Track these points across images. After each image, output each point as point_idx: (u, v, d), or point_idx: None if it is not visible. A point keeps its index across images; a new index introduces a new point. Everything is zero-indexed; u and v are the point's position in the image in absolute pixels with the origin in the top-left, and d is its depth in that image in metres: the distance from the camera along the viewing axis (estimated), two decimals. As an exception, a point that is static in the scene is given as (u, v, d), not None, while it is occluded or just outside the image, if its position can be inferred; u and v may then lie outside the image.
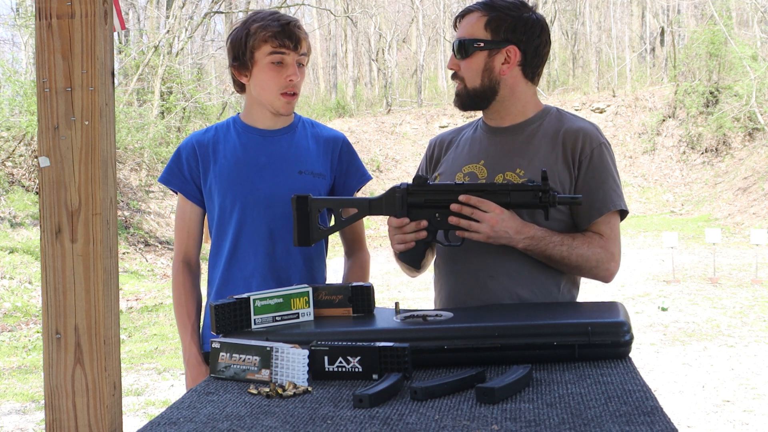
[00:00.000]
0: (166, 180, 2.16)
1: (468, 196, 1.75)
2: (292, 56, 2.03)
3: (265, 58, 2.03)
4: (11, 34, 24.40)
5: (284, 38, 2.01)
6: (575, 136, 1.89)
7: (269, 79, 2.04)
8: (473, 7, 1.93)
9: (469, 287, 1.87)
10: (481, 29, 1.89)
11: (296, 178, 2.08)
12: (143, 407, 5.25)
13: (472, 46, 1.88)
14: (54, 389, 1.50)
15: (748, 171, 18.21)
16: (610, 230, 1.87)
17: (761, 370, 5.74)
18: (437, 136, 2.14)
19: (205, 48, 27.04)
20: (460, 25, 1.94)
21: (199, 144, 2.13)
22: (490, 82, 1.90)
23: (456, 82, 1.94)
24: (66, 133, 1.49)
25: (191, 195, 2.14)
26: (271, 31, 2.00)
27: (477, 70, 1.89)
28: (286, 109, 2.08)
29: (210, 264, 2.18)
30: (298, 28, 2.05)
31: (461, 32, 1.92)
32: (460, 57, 1.91)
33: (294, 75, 2.04)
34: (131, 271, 11.72)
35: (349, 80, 31.98)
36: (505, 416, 1.18)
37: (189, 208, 2.16)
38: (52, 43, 1.50)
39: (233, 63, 2.08)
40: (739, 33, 21.96)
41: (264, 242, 2.07)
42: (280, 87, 2.04)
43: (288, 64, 2.03)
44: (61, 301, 1.50)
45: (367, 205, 1.84)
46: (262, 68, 2.04)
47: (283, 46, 2.01)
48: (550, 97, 25.39)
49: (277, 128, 2.14)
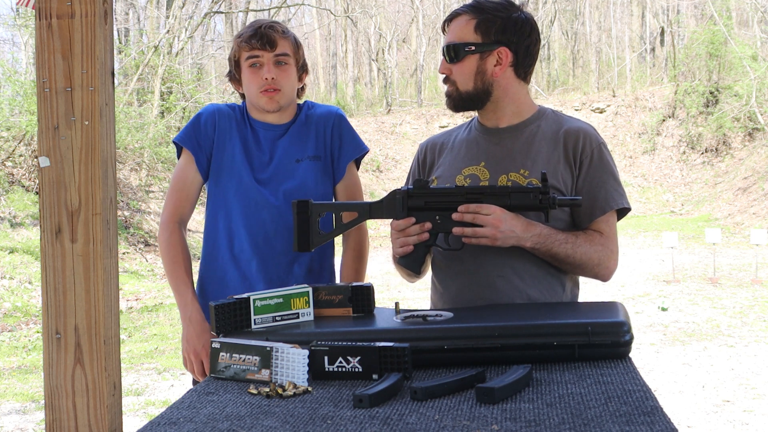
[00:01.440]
0: (181, 140, 2.18)
1: (466, 205, 1.75)
2: (266, 56, 2.12)
3: (245, 62, 2.15)
4: (11, 34, 24.39)
5: (255, 41, 2.11)
6: (576, 136, 1.89)
7: (249, 81, 2.15)
8: (461, 10, 1.92)
9: (478, 287, 1.86)
10: (470, 32, 1.88)
11: (294, 167, 2.15)
12: (143, 407, 5.25)
13: (463, 50, 1.88)
14: (54, 389, 1.50)
15: (748, 171, 18.21)
16: (609, 228, 1.88)
17: (761, 370, 5.74)
18: (427, 140, 2.13)
19: (205, 48, 27.04)
20: (449, 29, 1.93)
21: (221, 114, 2.19)
22: (483, 85, 1.90)
23: (447, 85, 1.94)
24: (66, 133, 1.49)
25: (200, 163, 2.17)
26: (245, 37, 2.14)
27: (469, 74, 1.89)
28: (269, 104, 2.14)
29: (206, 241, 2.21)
30: (271, 29, 2.13)
31: (451, 36, 1.91)
32: (450, 61, 1.90)
33: (269, 73, 2.11)
34: (131, 271, 11.72)
35: (349, 80, 31.99)
36: (505, 416, 1.18)
37: (193, 175, 2.18)
38: (52, 43, 1.50)
39: (228, 76, 2.24)
40: (739, 33, 21.97)
41: (264, 238, 2.12)
42: (259, 86, 2.13)
43: (263, 63, 2.12)
44: (61, 301, 1.49)
45: (367, 209, 1.84)
46: (245, 73, 2.16)
47: (255, 48, 2.11)
48: (550, 97, 25.39)
49: (282, 123, 2.21)
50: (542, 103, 2.05)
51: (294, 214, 1.83)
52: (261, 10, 24.11)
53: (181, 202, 2.18)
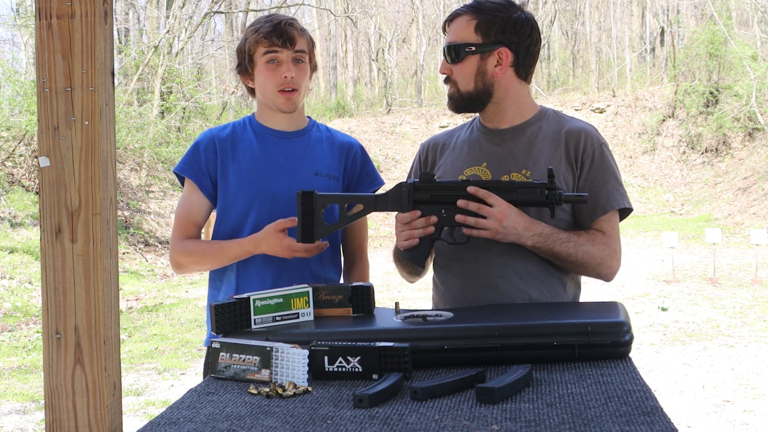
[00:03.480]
0: (181, 169, 2.14)
1: (476, 188, 1.74)
2: (285, 54, 2.07)
3: (261, 59, 2.08)
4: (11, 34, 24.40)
5: (275, 37, 2.05)
6: (577, 136, 1.90)
7: (266, 79, 2.09)
8: (461, 11, 1.92)
9: (479, 288, 1.86)
10: (471, 33, 1.88)
11: (313, 180, 2.10)
12: (143, 407, 5.25)
13: (464, 51, 1.88)
14: (54, 389, 1.50)
15: (748, 171, 18.21)
16: (611, 228, 1.88)
17: (761, 370, 5.74)
18: (428, 140, 2.12)
19: (205, 48, 27.04)
20: (449, 30, 1.92)
21: (219, 139, 2.14)
22: (484, 85, 1.89)
23: (449, 86, 1.93)
24: (66, 133, 1.49)
25: (204, 187, 2.13)
26: (263, 32, 2.06)
27: (470, 74, 1.89)
28: (286, 105, 2.10)
29: None
30: (291, 27, 2.08)
31: (451, 37, 1.91)
32: (451, 62, 1.90)
33: (288, 72, 2.07)
34: (131, 271, 11.73)
35: (349, 80, 31.99)
36: (505, 416, 1.18)
37: (200, 201, 2.14)
38: (52, 43, 1.50)
39: (238, 69, 2.16)
40: (739, 33, 21.97)
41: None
42: (277, 85, 2.08)
43: (282, 61, 2.07)
44: (61, 301, 1.49)
45: (373, 201, 1.84)
46: (260, 69, 2.09)
47: (275, 44, 2.06)
48: (550, 97, 25.38)
49: (292, 130, 2.16)
50: (542, 103, 2.05)
51: (298, 205, 1.82)
52: (261, 10, 24.11)
53: (189, 228, 2.13)
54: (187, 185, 2.15)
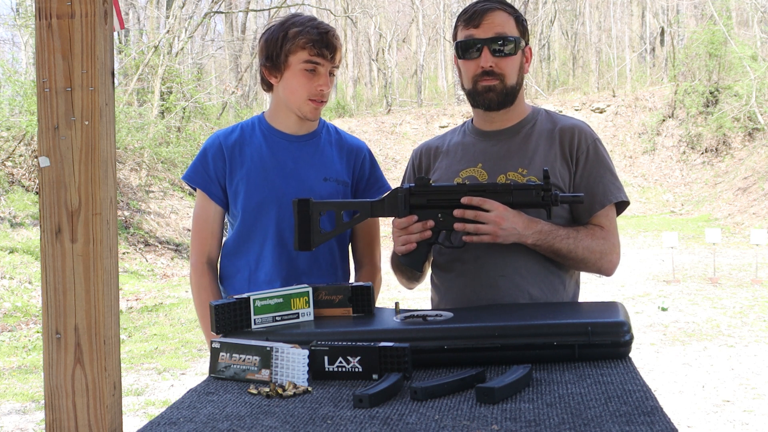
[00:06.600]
0: (190, 178, 2.12)
1: (470, 197, 1.75)
2: (326, 66, 2.03)
3: (299, 63, 2.01)
4: (11, 34, 24.40)
5: (322, 47, 1.99)
6: (571, 133, 1.91)
7: (300, 86, 2.03)
8: (496, 6, 1.90)
9: (479, 287, 1.86)
10: (513, 27, 1.90)
11: (322, 185, 2.08)
12: (143, 407, 5.25)
13: (515, 44, 1.89)
14: (54, 389, 1.50)
15: (748, 171, 18.21)
16: (609, 222, 1.89)
17: (761, 370, 5.74)
18: (421, 145, 2.12)
19: (205, 48, 27.04)
20: (485, 23, 1.88)
21: (226, 143, 2.11)
22: (519, 80, 1.93)
23: (487, 80, 1.89)
24: (66, 133, 1.49)
25: (215, 195, 2.10)
26: (310, 38, 1.99)
27: (516, 68, 1.91)
28: (313, 114, 2.07)
29: (227, 264, 2.14)
30: (335, 38, 2.03)
31: (498, 29, 1.87)
32: (497, 54, 1.88)
33: (326, 85, 2.03)
34: (131, 271, 11.72)
35: (349, 80, 31.99)
36: (505, 416, 1.18)
37: (212, 209, 2.11)
38: (52, 43, 1.50)
39: (265, 63, 2.07)
40: (739, 33, 21.97)
41: (289, 246, 2.05)
42: (310, 94, 2.03)
43: (321, 73, 2.02)
44: (61, 301, 1.49)
45: (369, 207, 1.83)
46: (295, 73, 2.03)
47: (320, 55, 2.00)
48: (550, 97, 25.35)
49: (302, 134, 2.13)
50: (542, 103, 2.07)
51: (294, 212, 1.82)
52: (261, 10, 24.12)
53: (207, 241, 2.12)
54: (199, 195, 2.13)
